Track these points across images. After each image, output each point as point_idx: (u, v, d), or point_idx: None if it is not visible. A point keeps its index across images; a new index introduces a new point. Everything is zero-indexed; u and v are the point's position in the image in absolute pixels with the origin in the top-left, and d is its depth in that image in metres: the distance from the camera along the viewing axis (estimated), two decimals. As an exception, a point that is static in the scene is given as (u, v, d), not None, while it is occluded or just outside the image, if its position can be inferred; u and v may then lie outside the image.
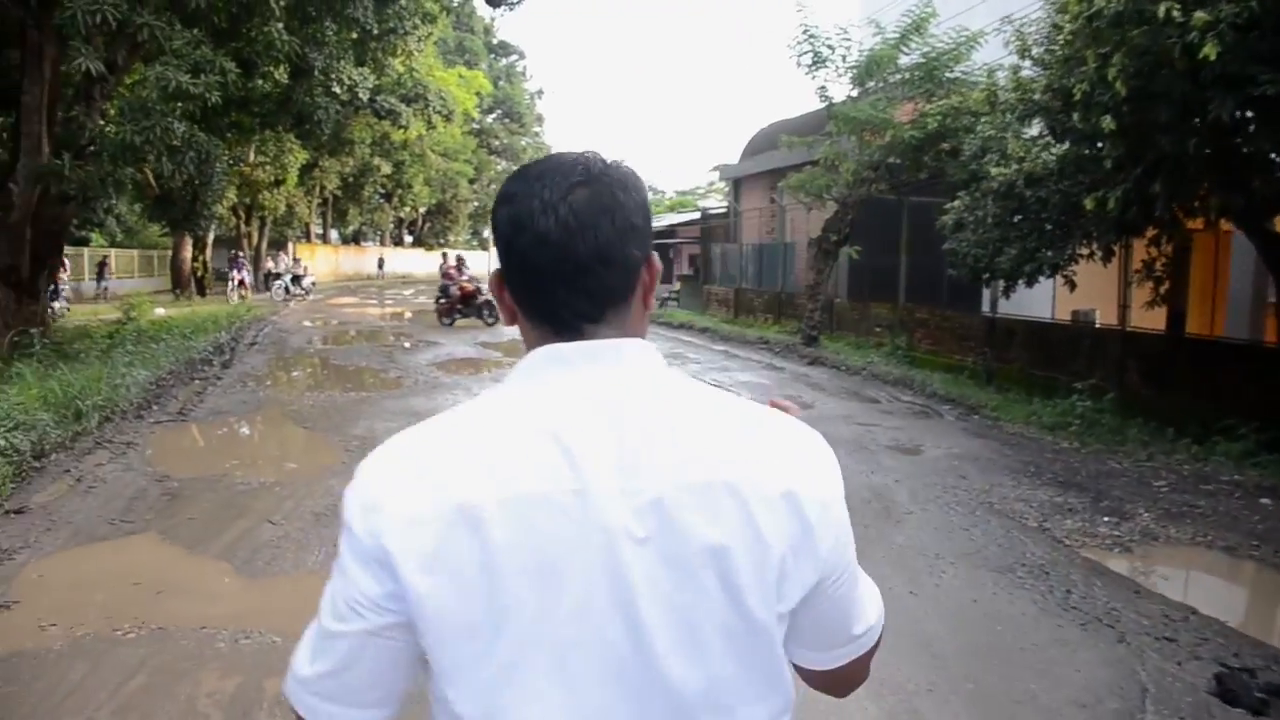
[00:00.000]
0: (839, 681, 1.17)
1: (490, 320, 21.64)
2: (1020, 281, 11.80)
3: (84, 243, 33.76)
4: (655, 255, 1.12)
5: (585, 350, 1.05)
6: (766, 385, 13.48)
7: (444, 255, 25.76)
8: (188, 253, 33.84)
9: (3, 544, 5.76)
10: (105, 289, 29.47)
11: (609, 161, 1.09)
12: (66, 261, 23.14)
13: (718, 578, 0.98)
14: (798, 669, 1.12)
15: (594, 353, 1.05)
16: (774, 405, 1.15)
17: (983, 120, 12.67)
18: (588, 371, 1.04)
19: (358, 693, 1.03)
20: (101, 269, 30.92)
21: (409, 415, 10.28)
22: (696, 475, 0.99)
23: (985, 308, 15.03)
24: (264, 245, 42.89)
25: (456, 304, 22.83)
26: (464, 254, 25.37)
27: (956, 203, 12.54)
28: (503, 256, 1.09)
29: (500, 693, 0.98)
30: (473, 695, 0.99)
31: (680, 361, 16.34)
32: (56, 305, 19.78)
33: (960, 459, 8.60)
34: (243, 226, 41.05)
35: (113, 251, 34.50)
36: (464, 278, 23.04)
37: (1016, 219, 11.63)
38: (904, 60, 16.18)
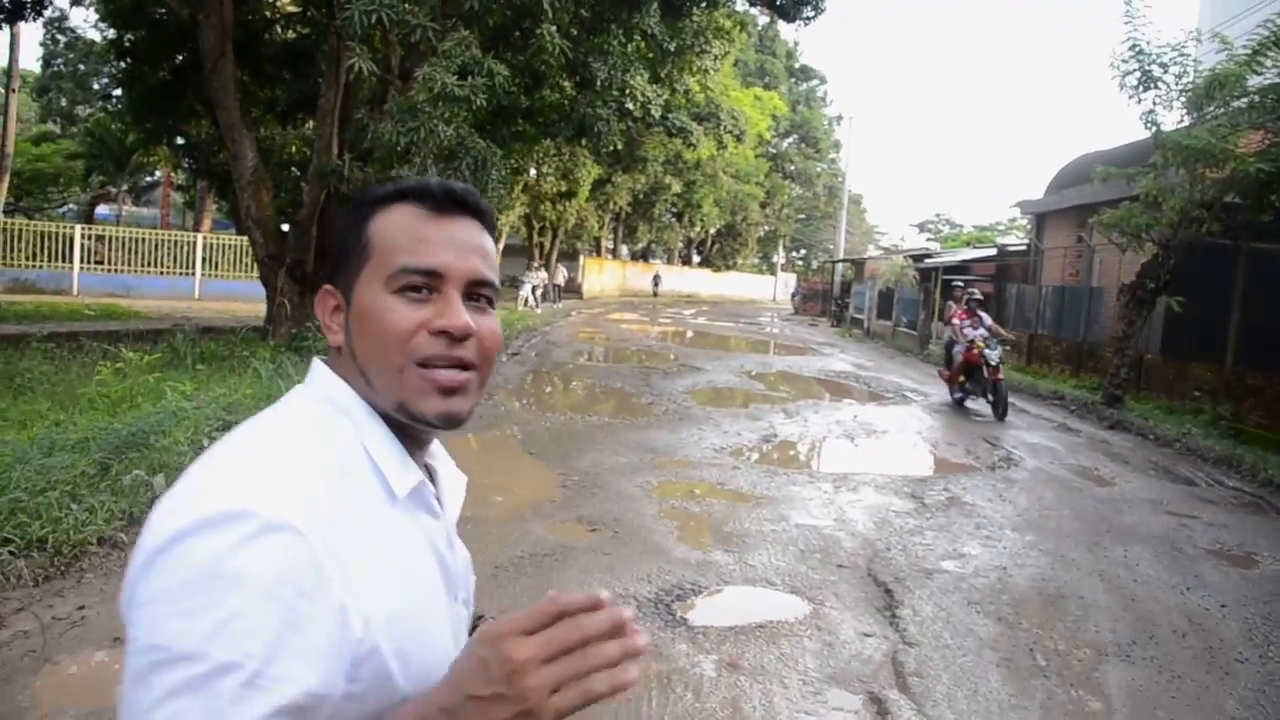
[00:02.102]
0: None
1: (1001, 413, 13.65)
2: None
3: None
4: (325, 288, 1.10)
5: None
6: (1057, 450, 11.66)
7: (953, 296, 16.71)
8: (476, 260, 35.14)
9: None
10: None
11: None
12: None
13: None
14: None
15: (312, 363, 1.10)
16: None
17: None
18: None
19: None
20: None
21: (644, 449, 9.44)
22: None
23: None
24: (554, 256, 44.02)
25: (960, 373, 14.75)
26: (974, 293, 15.25)
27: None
28: None
29: None
30: None
31: (959, 414, 14.66)
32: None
33: (1308, 578, 6.72)
34: (535, 236, 42.30)
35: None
36: (976, 332, 14.29)
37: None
38: (1254, 81, 13.81)
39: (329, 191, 14.25)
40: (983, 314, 14.68)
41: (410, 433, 1.06)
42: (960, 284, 17.00)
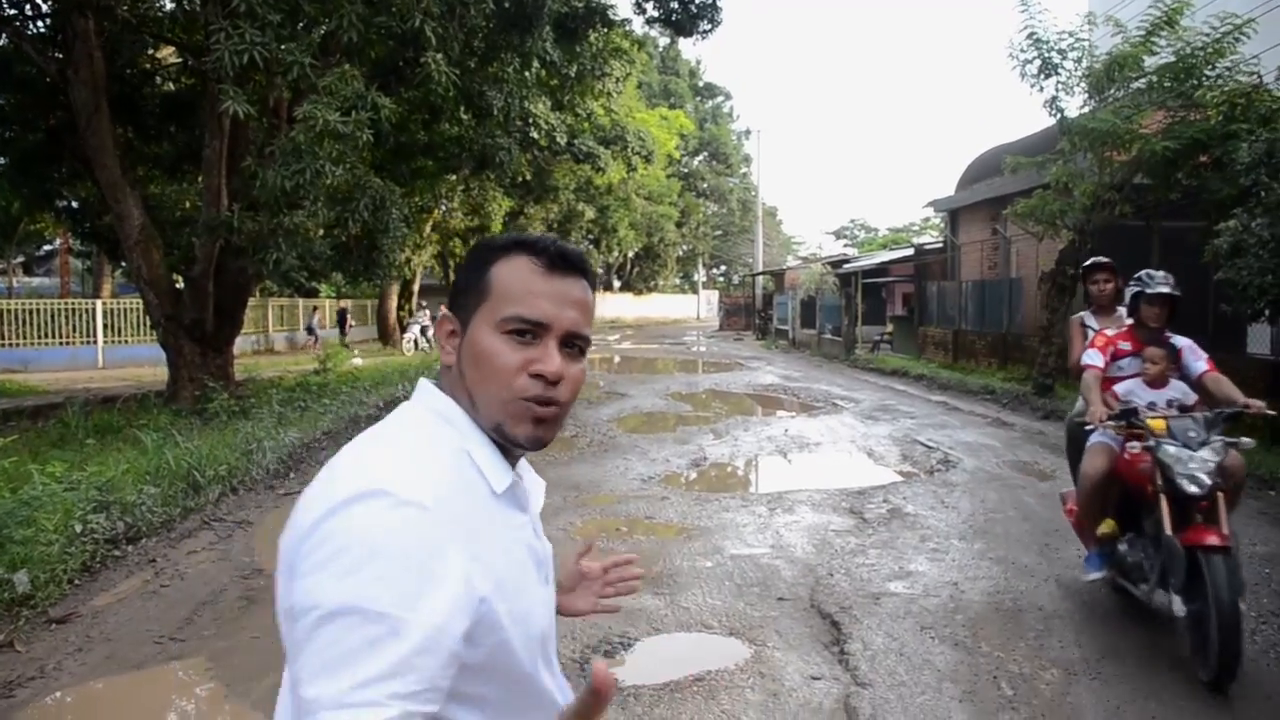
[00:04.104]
0: None
1: (1219, 670, 4.19)
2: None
3: (314, 294, 34.73)
4: (443, 310, 1.31)
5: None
6: (995, 446, 11.37)
7: (1089, 293, 7.00)
8: (393, 303, 34.30)
9: (14, 671, 4.63)
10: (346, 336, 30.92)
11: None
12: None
13: None
14: None
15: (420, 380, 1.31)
16: None
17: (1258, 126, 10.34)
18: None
19: None
20: (342, 320, 32.12)
21: (567, 487, 8.89)
22: None
23: (1263, 349, 12.45)
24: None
25: (1097, 504, 5.35)
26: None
27: (1232, 222, 10.23)
28: None
29: None
30: None
31: (892, 416, 14.34)
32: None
33: (1271, 563, 6.36)
34: (450, 275, 41.60)
35: (328, 303, 35.29)
36: (1157, 395, 5.27)
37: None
38: (1150, 62, 13.80)
39: (224, 244, 13.52)
40: (1184, 342, 5.58)
41: (502, 449, 1.23)
42: (1103, 261, 7.08)
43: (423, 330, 30.98)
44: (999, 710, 4.09)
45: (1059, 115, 14.78)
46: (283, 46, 10.74)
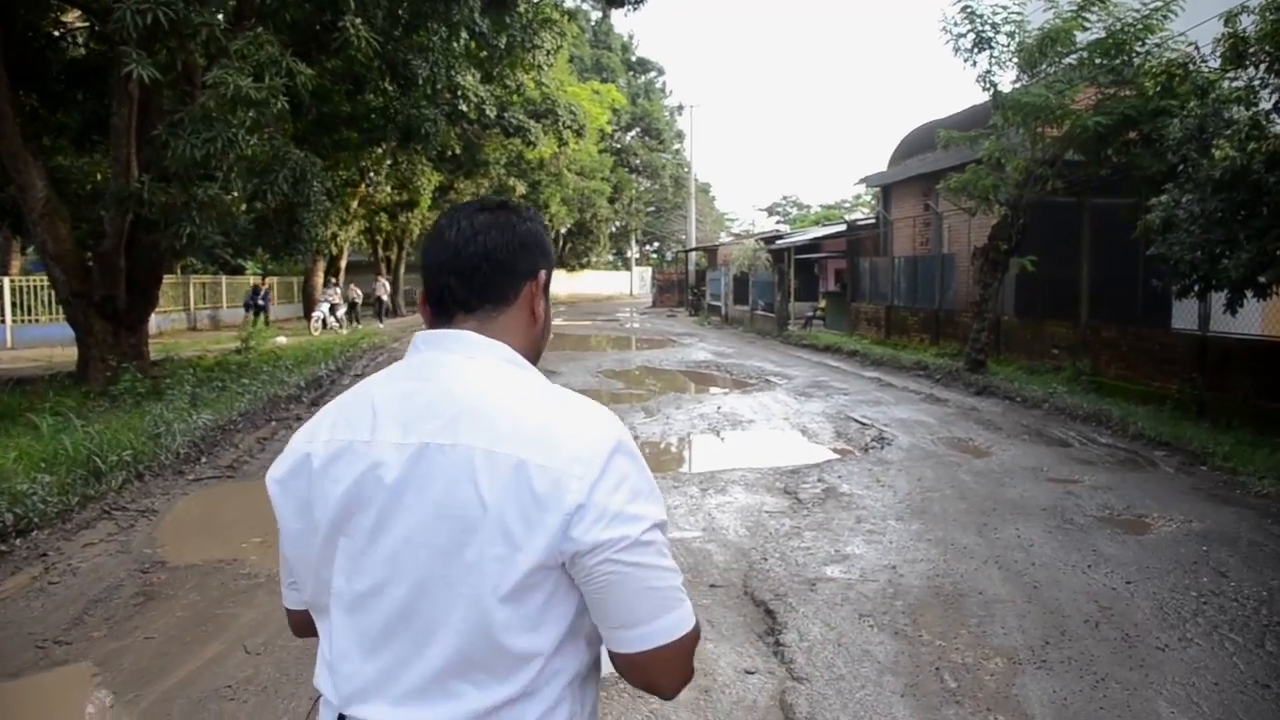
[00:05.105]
0: (632, 669, 1.26)
1: None
2: (1248, 292, 9.47)
3: (239, 270, 33.78)
4: (543, 274, 1.44)
5: (431, 336, 1.34)
6: (929, 423, 11.27)
7: None
8: (319, 280, 33.48)
9: (-127, 687, 4.21)
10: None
11: (516, 204, 1.46)
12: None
13: (447, 521, 1.19)
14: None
15: (437, 339, 1.33)
16: None
17: (1191, 100, 10.31)
18: (425, 352, 1.33)
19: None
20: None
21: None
22: (448, 438, 1.21)
23: (1188, 324, 12.49)
24: (401, 269, 42.63)
25: None
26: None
27: (1164, 198, 10.18)
28: (422, 266, 1.43)
29: (319, 586, 1.31)
30: (306, 585, 1.35)
31: (825, 392, 14.20)
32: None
33: (1207, 540, 6.28)
34: (379, 251, 40.77)
35: (254, 279, 34.35)
36: None
37: (1242, 215, 9.31)
38: (1081, 37, 13.76)
39: (134, 218, 12.88)
40: None
41: None
42: None
43: (332, 309, 28.73)
44: (942, 704, 3.88)
45: (992, 90, 14.69)
46: (191, 8, 10.20)
